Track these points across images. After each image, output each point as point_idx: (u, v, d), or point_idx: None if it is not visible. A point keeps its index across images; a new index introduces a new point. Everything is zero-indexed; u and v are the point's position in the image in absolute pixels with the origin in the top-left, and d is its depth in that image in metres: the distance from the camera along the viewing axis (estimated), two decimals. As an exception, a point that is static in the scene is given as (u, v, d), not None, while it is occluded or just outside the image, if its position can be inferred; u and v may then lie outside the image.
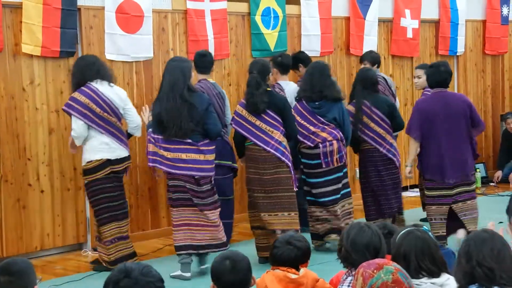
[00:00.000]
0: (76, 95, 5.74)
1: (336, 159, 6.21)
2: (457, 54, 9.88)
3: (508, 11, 10.40)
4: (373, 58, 7.59)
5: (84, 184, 5.94)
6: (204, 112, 5.59)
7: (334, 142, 6.19)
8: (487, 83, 10.37)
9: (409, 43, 9.27)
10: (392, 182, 6.51)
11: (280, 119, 5.83)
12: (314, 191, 6.27)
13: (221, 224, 5.73)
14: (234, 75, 7.65)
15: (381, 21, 9.01)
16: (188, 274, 5.60)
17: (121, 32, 6.81)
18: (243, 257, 3.20)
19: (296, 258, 3.72)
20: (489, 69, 10.41)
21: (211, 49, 7.34)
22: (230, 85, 7.66)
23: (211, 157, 5.70)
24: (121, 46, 6.81)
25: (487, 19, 10.23)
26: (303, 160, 6.30)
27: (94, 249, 6.53)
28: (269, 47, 7.86)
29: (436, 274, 3.04)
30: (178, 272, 5.63)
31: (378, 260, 2.69)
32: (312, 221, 6.34)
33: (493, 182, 9.60)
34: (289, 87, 6.93)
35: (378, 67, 7.59)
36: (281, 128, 5.84)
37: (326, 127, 6.21)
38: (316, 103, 6.23)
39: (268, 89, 5.88)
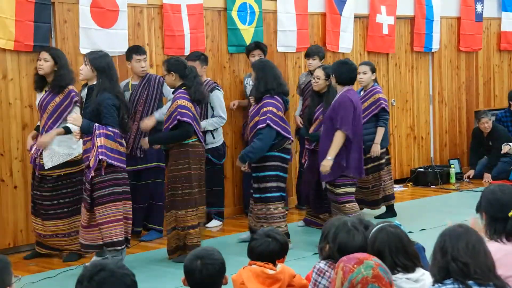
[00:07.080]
0: None
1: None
2: (432, 50, 9.95)
3: (482, 8, 10.49)
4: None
5: None
6: None
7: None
8: (461, 80, 10.46)
9: (385, 39, 9.31)
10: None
11: None
12: (282, 185, 6.06)
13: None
14: (210, 71, 7.59)
15: (357, 17, 9.03)
16: None
17: (96, 27, 6.74)
18: (216, 259, 3.01)
19: (273, 251, 3.69)
20: (463, 66, 10.49)
21: (187, 45, 7.30)
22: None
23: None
24: (96, 40, 6.74)
25: (462, 16, 10.31)
26: (283, 156, 6.03)
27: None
28: (245, 43, 7.83)
29: (411, 269, 3.05)
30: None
31: (358, 255, 2.68)
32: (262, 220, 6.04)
33: (467, 179, 9.68)
34: None
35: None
36: None
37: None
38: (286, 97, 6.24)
39: None
